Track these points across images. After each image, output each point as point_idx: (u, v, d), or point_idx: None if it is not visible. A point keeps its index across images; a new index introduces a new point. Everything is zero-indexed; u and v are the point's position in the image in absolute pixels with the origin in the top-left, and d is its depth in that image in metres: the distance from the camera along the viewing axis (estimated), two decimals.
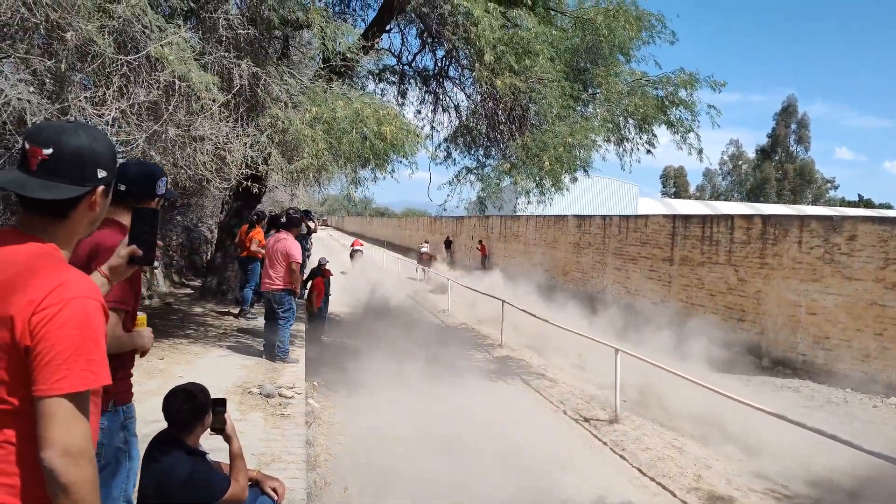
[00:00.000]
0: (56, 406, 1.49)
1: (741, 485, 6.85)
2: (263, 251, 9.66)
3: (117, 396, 2.75)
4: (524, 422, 8.48)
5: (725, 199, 75.67)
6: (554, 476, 6.66)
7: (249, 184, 8.47)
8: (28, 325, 1.52)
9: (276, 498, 3.51)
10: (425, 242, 34.77)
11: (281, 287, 8.17)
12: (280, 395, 6.68)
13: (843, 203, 74.10)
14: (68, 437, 1.49)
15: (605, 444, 7.84)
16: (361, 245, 28.82)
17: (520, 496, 6.05)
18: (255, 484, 3.48)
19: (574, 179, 11.81)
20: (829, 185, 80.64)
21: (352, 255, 26.67)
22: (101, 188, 1.73)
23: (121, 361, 2.77)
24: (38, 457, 1.49)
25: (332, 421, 7.44)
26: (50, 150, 1.63)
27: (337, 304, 14.70)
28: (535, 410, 9.13)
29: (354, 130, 8.08)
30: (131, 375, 2.89)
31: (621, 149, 11.75)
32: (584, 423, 8.59)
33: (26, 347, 1.52)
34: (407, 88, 13.11)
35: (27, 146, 1.65)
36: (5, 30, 5.60)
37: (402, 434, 7.08)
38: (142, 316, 2.85)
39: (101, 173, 1.72)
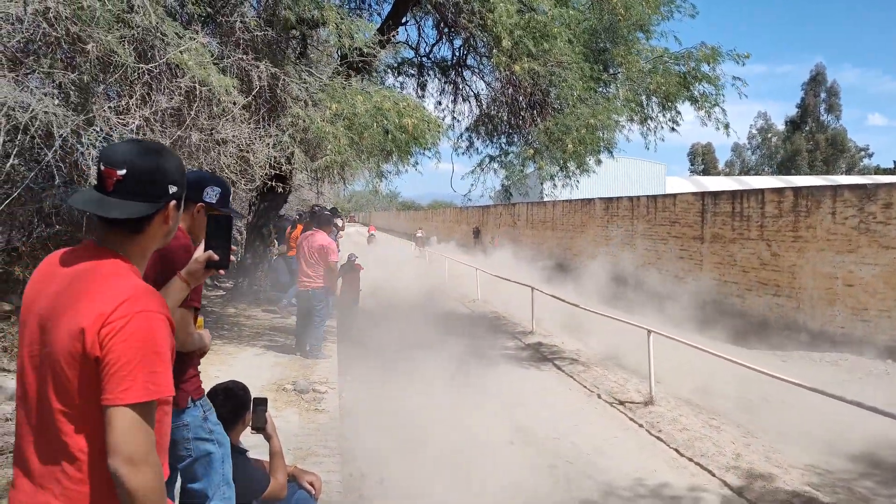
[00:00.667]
0: (121, 415, 1.58)
1: (781, 461, 6.76)
2: None
3: (193, 392, 2.92)
4: (559, 407, 8.47)
5: (756, 174, 74.28)
6: (592, 460, 6.65)
7: (274, 184, 8.56)
8: (97, 337, 1.60)
9: (313, 492, 3.56)
10: (420, 229, 45.90)
11: (318, 285, 8.24)
12: (314, 390, 6.76)
13: (878, 171, 72.27)
14: (131, 444, 1.57)
15: (640, 426, 7.80)
16: (375, 230, 45.42)
17: (558, 482, 6.06)
18: (292, 479, 3.53)
19: (598, 161, 11.72)
20: (862, 153, 78.78)
21: (368, 240, 36.68)
22: (172, 203, 1.83)
23: (190, 359, 2.93)
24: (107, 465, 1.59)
25: (366, 414, 7.50)
26: (123, 171, 1.73)
27: (367, 293, 14.76)
28: (569, 395, 9.11)
29: (375, 124, 8.11)
30: (199, 372, 3.04)
31: (645, 128, 11.63)
32: (618, 406, 8.55)
33: (96, 358, 1.61)
34: (426, 80, 13.11)
35: (102, 168, 1.75)
36: (29, 46, 5.72)
37: (438, 424, 7.12)
38: (200, 318, 2.96)
39: (172, 188, 1.82)
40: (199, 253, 2.32)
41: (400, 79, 12.99)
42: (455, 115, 13.07)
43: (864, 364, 11.33)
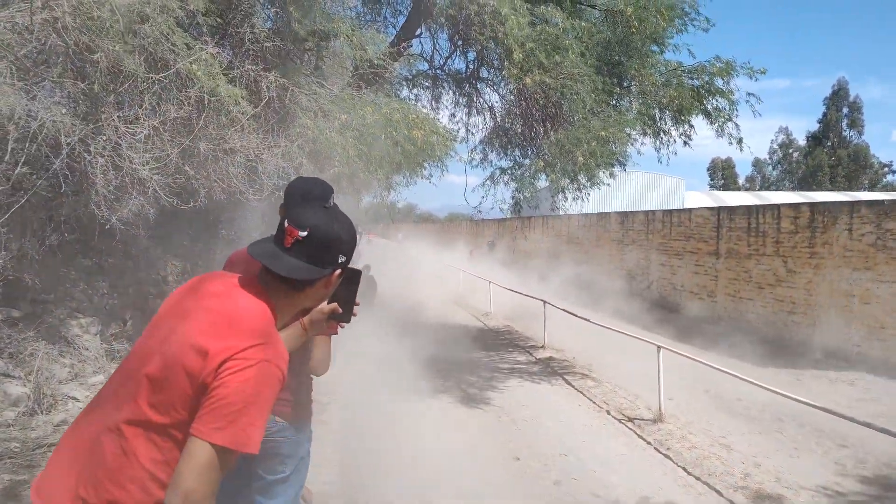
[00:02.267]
0: (200, 450, 1.55)
1: (792, 482, 6.63)
2: None
3: (308, 413, 3.04)
4: (567, 423, 8.38)
5: (776, 189, 73.54)
6: (598, 477, 6.56)
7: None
8: (217, 366, 1.61)
9: None
10: (399, 233, 55.27)
11: None
12: (317, 400, 6.73)
13: None
14: (196, 483, 1.53)
15: (649, 443, 7.68)
16: (373, 236, 50.90)
17: (564, 498, 5.98)
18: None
19: (611, 174, 11.63)
20: (886, 169, 77.67)
21: (366, 242, 39.95)
22: (337, 272, 1.89)
23: (312, 382, 3.08)
24: (164, 486, 1.58)
25: (369, 425, 7.46)
26: (305, 233, 1.80)
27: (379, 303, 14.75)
28: (578, 411, 9.01)
29: (384, 136, 8.13)
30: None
31: (658, 141, 11.54)
32: (627, 422, 8.44)
33: (205, 384, 1.60)
34: (440, 92, 13.11)
35: (286, 224, 1.82)
36: (39, 55, 5.79)
37: (444, 437, 7.07)
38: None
39: (341, 258, 1.89)
40: (324, 304, 2.34)
41: (415, 91, 13.03)
42: (469, 128, 13.07)
43: (880, 384, 11.11)
